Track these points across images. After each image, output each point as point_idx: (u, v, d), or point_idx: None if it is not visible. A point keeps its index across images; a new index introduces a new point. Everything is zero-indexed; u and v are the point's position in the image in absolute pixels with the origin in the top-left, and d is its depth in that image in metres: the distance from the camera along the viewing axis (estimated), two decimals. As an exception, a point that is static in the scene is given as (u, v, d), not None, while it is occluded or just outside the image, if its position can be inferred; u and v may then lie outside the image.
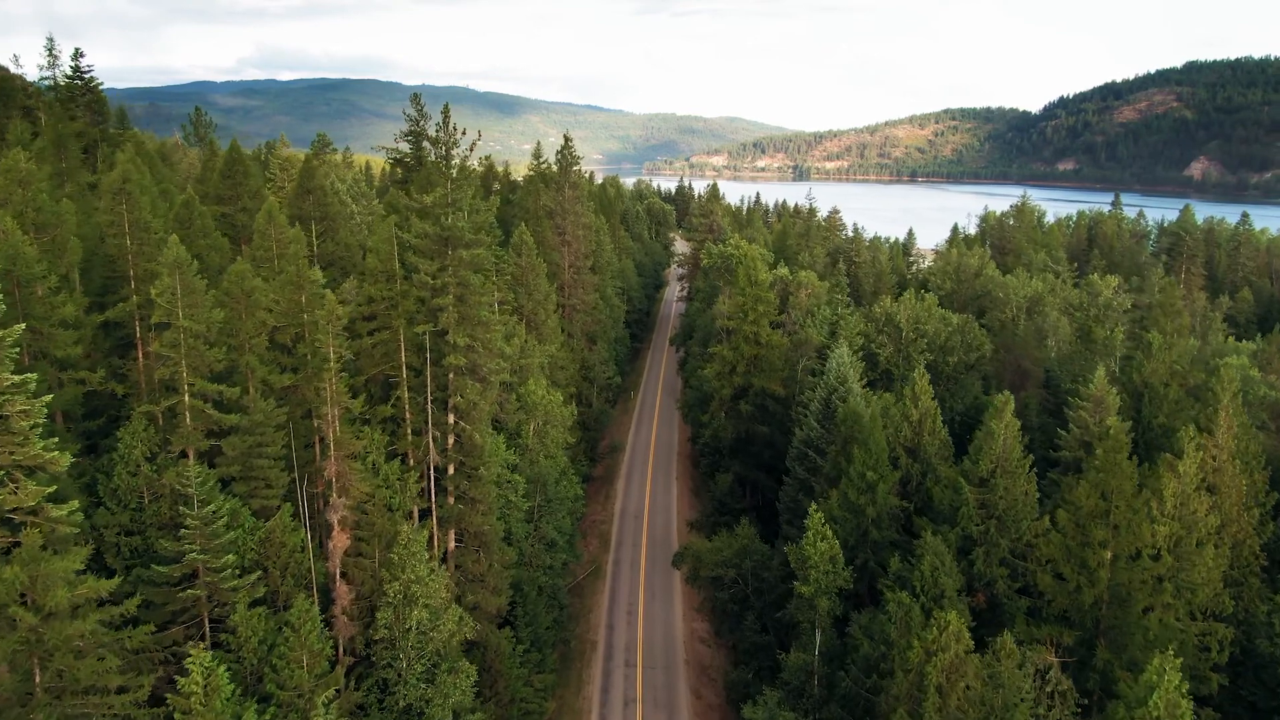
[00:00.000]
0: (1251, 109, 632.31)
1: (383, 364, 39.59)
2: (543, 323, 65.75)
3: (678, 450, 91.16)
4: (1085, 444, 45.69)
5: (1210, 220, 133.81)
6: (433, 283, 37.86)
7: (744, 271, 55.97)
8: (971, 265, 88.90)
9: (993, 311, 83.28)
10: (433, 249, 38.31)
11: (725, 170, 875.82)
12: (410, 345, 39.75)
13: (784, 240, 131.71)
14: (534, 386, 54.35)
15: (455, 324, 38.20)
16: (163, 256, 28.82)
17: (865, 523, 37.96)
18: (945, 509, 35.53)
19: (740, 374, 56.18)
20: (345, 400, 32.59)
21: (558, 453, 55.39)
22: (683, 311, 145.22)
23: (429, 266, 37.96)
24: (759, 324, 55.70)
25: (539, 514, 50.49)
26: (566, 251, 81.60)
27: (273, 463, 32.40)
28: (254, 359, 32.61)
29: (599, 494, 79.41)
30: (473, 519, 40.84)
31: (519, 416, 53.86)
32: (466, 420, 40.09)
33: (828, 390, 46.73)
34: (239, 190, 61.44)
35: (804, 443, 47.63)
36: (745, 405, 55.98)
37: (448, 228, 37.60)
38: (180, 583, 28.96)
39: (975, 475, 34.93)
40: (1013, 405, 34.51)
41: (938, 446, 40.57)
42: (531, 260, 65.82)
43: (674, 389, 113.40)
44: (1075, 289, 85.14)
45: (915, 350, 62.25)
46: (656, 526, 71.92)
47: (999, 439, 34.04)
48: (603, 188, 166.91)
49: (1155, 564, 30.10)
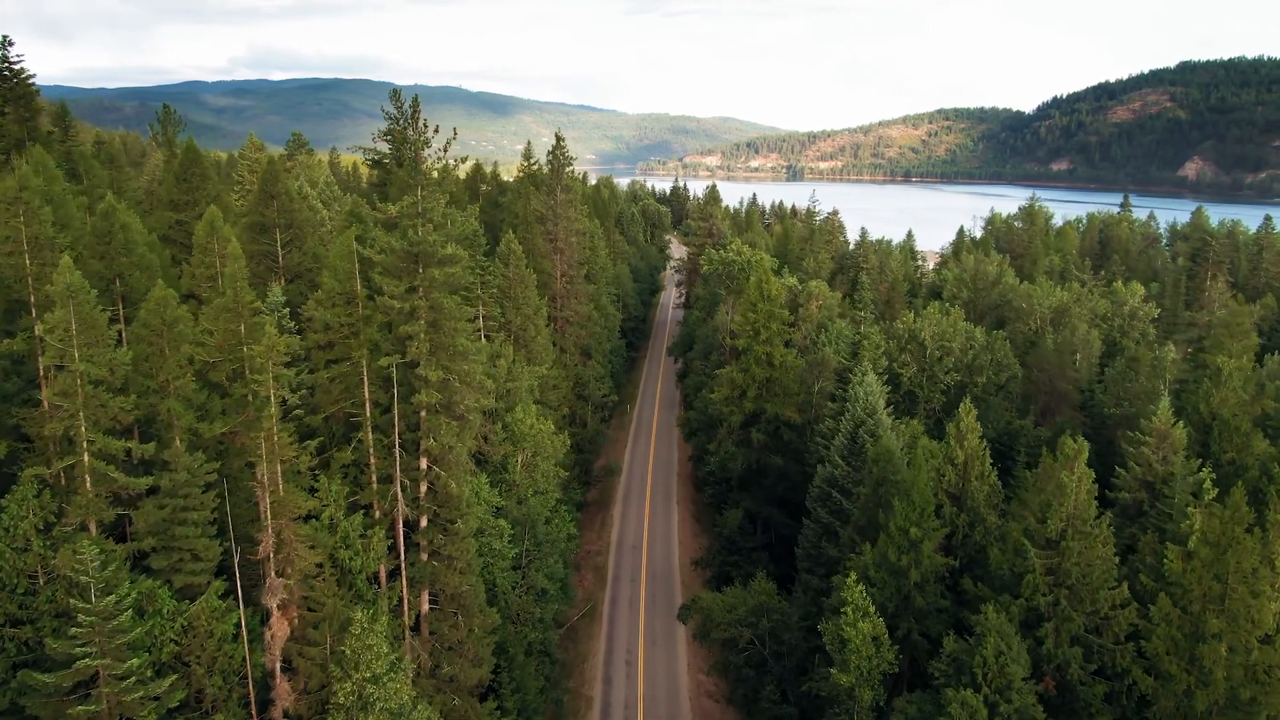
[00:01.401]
0: (1245, 109, 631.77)
1: (342, 401, 33.83)
2: (532, 339, 60.03)
3: (677, 470, 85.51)
4: (1147, 485, 40.27)
5: (1229, 223, 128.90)
6: (400, 306, 32.13)
7: (755, 284, 50.37)
8: (990, 273, 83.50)
9: (1014, 323, 77.94)
10: (400, 267, 32.57)
11: (719, 170, 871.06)
12: (375, 379, 34.03)
13: (786, 244, 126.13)
14: (522, 415, 48.66)
15: (427, 355, 32.47)
16: (54, 281, 23.01)
17: (907, 586, 32.44)
18: (1004, 575, 30.09)
19: (751, 399, 50.57)
20: (289, 452, 26.83)
21: (549, 488, 49.73)
22: (680, 319, 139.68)
23: (395, 287, 32.23)
24: (772, 343, 50.09)
25: (527, 561, 44.79)
26: (559, 259, 75.88)
27: (200, 530, 26.61)
28: (177, 404, 26.87)
29: (594, 521, 73.73)
30: (449, 579, 35.09)
31: (505, 449, 48.17)
32: (441, 466, 34.36)
33: (854, 422, 41.19)
34: (196, 196, 55.53)
35: (827, 482, 42.08)
36: (757, 434, 50.37)
37: (417, 242, 31.88)
38: (74, 692, 23.17)
39: (1041, 536, 29.49)
40: (1086, 454, 29.09)
41: (986, 493, 35.14)
42: (520, 271, 60.10)
43: (672, 401, 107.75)
44: (1102, 298, 79.85)
45: (940, 370, 56.80)
46: (657, 559, 66.25)
47: (1070, 495, 28.62)
48: (596, 189, 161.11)
49: (1273, 651, 24.67)
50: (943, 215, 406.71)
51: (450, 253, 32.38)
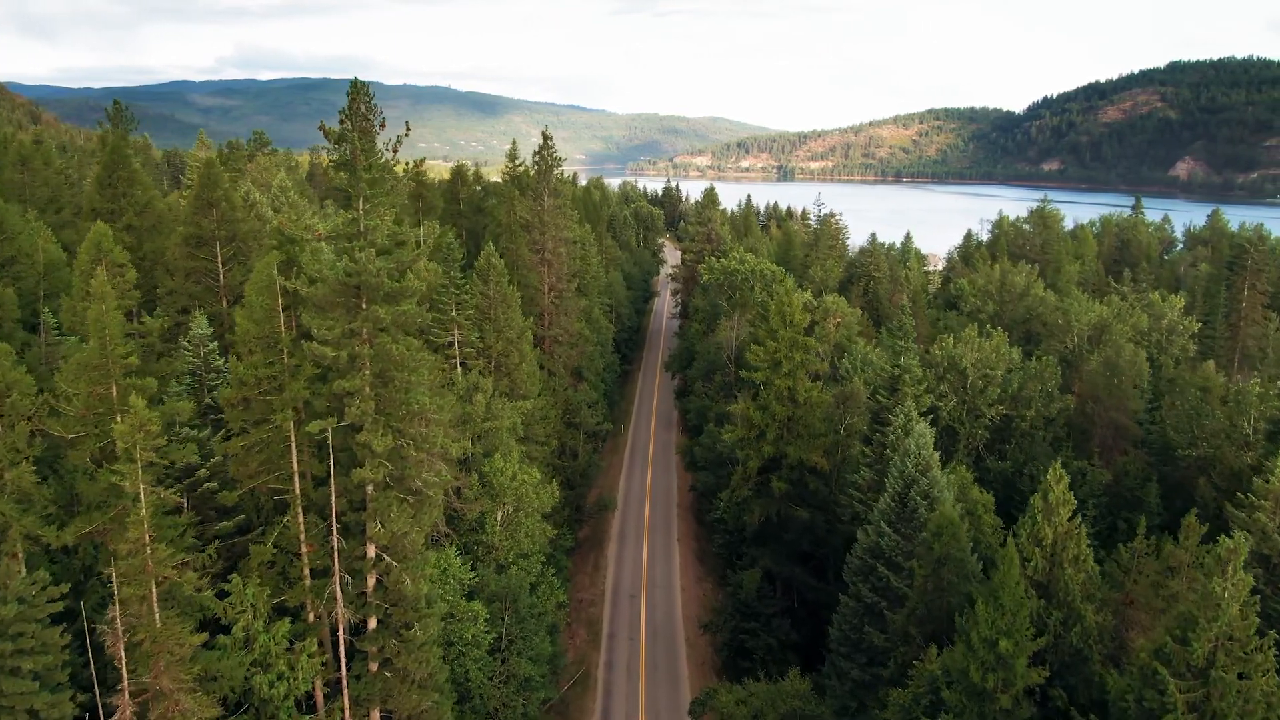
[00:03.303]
0: (1235, 109, 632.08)
1: (263, 474, 26.21)
2: (516, 367, 52.40)
3: (677, 500, 78.03)
4: (1262, 558, 33.07)
5: (1251, 227, 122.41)
6: (335, 354, 24.55)
7: (775, 307, 42.97)
8: (1017, 284, 76.40)
9: (1048, 340, 70.89)
10: (335, 302, 25.00)
11: (709, 171, 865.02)
12: (307, 446, 26.45)
13: (788, 250, 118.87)
14: (502, 464, 41.08)
15: (372, 416, 24.91)
16: None
17: (993, 712, 25.14)
18: (1128, 710, 22.87)
19: (770, 441, 43.16)
20: (167, 570, 19.23)
21: (534, 548, 42.21)
22: (676, 330, 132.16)
23: (330, 329, 24.66)
24: (795, 376, 42.68)
25: (508, 643, 37.22)
26: (546, 272, 68.23)
27: (43, 682, 18.95)
28: (9, 505, 19.26)
29: (586, 563, 66.17)
30: (405, 696, 27.50)
31: (482, 504, 40.60)
32: (393, 555, 26.77)
33: (903, 480, 33.90)
34: (122, 204, 47.70)
35: (870, 552, 34.73)
36: (778, 482, 42.97)
37: (356, 271, 24.31)
38: None
39: (1180, 660, 22.34)
40: (1245, 553, 21.96)
41: (1083, 581, 27.97)
42: (502, 288, 52.47)
43: (670, 420, 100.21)
44: (1142, 312, 72.92)
45: (984, 403, 49.58)
46: (658, 611, 58.71)
47: (1225, 608, 21.49)
48: (587, 191, 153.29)
49: None
50: (938, 216, 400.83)
51: (401, 286, 24.82)
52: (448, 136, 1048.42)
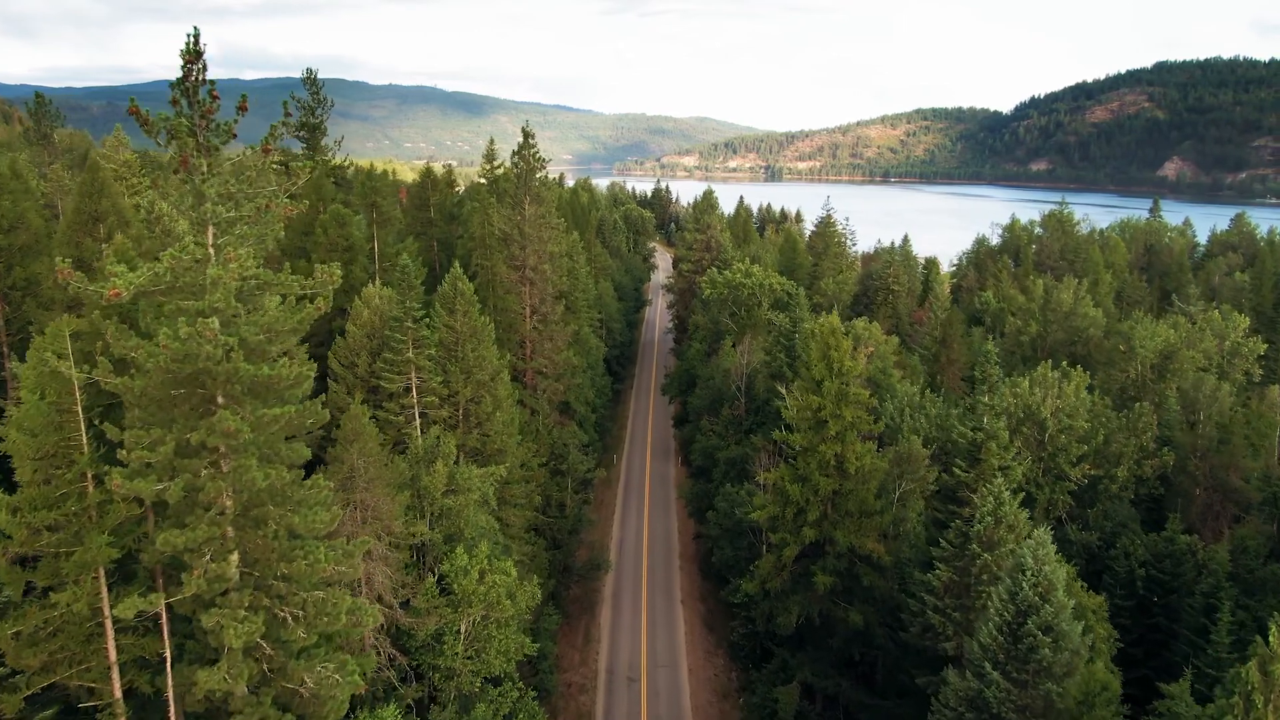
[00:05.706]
0: (1223, 109, 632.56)
1: (62, 667, 16.30)
2: (488, 416, 42.44)
3: (678, 550, 68.40)
4: None
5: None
6: (160, 489, 14.69)
7: (818, 351, 33.30)
8: (1064, 301, 67.18)
9: (1104, 368, 61.74)
10: (161, 399, 15.12)
11: (697, 171, 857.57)
12: (126, 628, 16.55)
13: (792, 259, 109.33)
14: (465, 561, 31.21)
15: (236, 593, 15.08)
16: None
17: None
18: None
19: (812, 523, 33.51)
20: None
21: (509, 668, 32.38)
22: (671, 348, 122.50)
23: (153, 448, 14.80)
24: (845, 440, 33.01)
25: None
26: (528, 292, 58.23)
27: None
28: None
29: (575, 633, 56.30)
30: None
31: (440, 615, 30.71)
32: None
33: (1016, 607, 24.45)
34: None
35: (968, 702, 25.20)
36: (823, 576, 33.31)
37: (188, 353, 14.46)
38: None
39: None
40: None
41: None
42: (472, 320, 42.53)
43: (667, 449, 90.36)
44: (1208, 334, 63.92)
45: (1065, 461, 40.18)
46: (661, 701, 48.91)
47: None
48: (574, 193, 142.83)
49: None
50: (929, 217, 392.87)
51: (271, 374, 14.92)
52: (434, 137, 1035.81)
